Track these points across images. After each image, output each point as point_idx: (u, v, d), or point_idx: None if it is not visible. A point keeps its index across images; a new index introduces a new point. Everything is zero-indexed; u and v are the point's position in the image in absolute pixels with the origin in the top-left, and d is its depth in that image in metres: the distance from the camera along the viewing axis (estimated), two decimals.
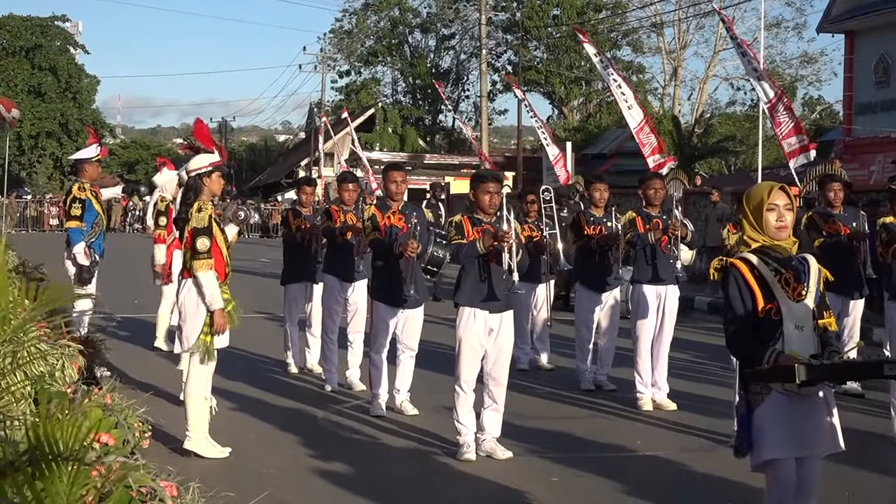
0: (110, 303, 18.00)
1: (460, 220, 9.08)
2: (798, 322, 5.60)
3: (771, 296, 5.60)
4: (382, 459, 9.07)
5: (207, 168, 8.71)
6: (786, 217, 5.72)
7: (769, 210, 5.68)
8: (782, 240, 5.74)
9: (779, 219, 5.69)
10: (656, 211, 11.37)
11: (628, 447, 9.56)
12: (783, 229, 5.72)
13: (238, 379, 12.05)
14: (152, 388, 10.61)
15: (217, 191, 8.81)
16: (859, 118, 34.93)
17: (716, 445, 9.50)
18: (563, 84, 61.20)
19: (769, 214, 5.69)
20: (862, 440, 9.23)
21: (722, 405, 10.26)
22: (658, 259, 11.18)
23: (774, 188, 5.73)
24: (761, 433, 5.58)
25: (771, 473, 5.69)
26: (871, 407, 10.74)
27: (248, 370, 12.85)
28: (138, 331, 15.48)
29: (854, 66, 35.41)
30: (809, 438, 5.66)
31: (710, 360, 13.90)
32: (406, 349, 10.67)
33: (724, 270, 5.81)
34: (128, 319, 16.24)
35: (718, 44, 55.29)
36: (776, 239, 5.71)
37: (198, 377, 8.72)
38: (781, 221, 5.70)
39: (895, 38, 32.88)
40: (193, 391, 8.74)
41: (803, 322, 5.62)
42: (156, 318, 14.33)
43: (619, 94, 17.36)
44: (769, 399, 5.58)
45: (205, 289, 8.51)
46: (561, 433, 10.03)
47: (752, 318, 5.61)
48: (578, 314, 12.46)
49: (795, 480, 5.65)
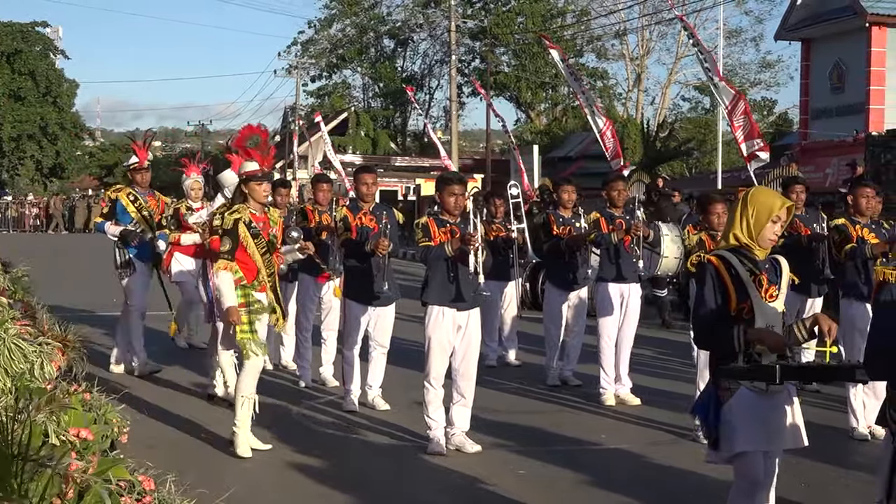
0: (91, 301, 17.94)
1: (426, 222, 9.07)
2: (769, 322, 5.61)
3: (745, 295, 5.60)
4: (355, 453, 9.06)
5: (243, 177, 8.95)
6: (780, 231, 5.75)
7: (773, 221, 5.67)
8: (768, 249, 5.76)
9: (776, 232, 5.71)
10: (619, 212, 11.41)
11: (593, 441, 9.58)
12: (774, 242, 5.75)
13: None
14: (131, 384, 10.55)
15: (259, 198, 8.93)
16: (815, 122, 35.18)
17: (678, 438, 9.54)
18: (530, 89, 61.27)
19: (771, 225, 5.67)
20: (819, 433, 9.28)
21: (684, 399, 10.29)
22: (621, 258, 11.21)
23: (786, 203, 5.73)
24: (731, 427, 5.58)
25: (740, 466, 5.69)
26: (827, 401, 10.80)
27: None
28: (115, 328, 15.36)
29: (810, 72, 35.65)
30: (776, 433, 5.69)
31: (672, 356, 13.95)
32: (378, 346, 10.66)
33: (701, 266, 5.81)
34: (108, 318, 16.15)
35: (680, 51, 55.50)
36: (764, 247, 5.73)
37: (244, 375, 8.83)
38: (777, 235, 5.73)
39: (850, 46, 33.14)
40: (240, 388, 8.83)
41: (773, 322, 5.63)
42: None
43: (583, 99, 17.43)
44: (738, 394, 5.59)
45: (218, 286, 8.83)
46: (528, 427, 10.04)
47: (723, 313, 5.62)
48: (547, 312, 12.48)
49: (763, 473, 5.68)
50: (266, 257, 8.95)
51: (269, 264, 8.98)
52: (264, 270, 8.93)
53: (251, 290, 8.87)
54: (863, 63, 32.82)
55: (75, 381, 7.30)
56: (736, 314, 5.60)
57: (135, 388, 10.96)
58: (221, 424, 9.51)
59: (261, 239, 8.89)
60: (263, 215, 8.95)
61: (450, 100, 56.04)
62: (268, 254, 8.95)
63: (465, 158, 55.50)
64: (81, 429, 5.63)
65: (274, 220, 9.05)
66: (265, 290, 8.95)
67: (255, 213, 8.88)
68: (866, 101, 32.75)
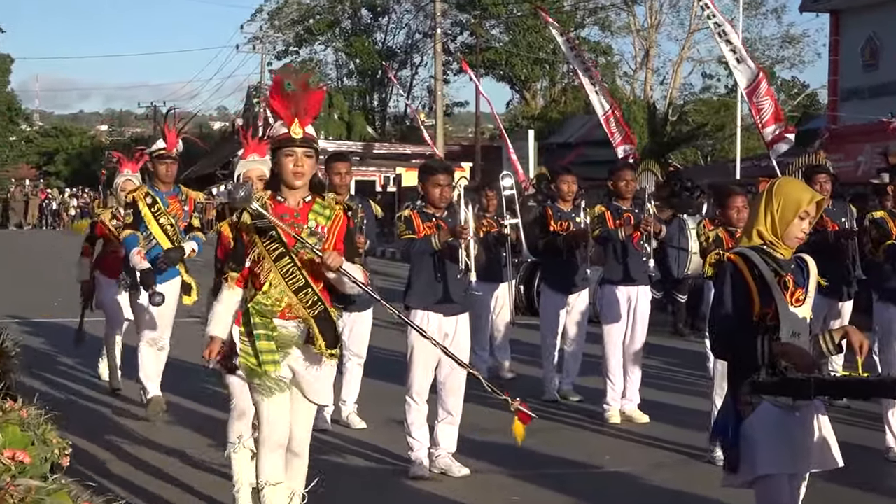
0: (27, 305, 17.90)
1: (409, 215, 9.06)
2: (795, 329, 5.57)
3: (769, 299, 5.57)
4: (327, 477, 9.02)
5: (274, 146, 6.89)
6: (808, 229, 5.74)
7: (801, 217, 5.65)
8: (794, 247, 5.75)
9: (804, 229, 5.69)
10: (627, 204, 11.40)
11: (595, 463, 9.58)
12: (802, 240, 5.73)
13: (171, 389, 11.96)
14: (74, 401, 10.53)
15: (293, 179, 6.51)
16: (845, 104, 35.21)
17: (689, 460, 9.54)
18: (525, 66, 61.26)
19: (799, 222, 5.65)
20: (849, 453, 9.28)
21: (697, 416, 10.29)
22: (629, 257, 11.20)
23: (815, 198, 5.70)
24: (753, 446, 5.55)
25: (763, 490, 5.65)
26: (858, 418, 10.81)
27: (183, 379, 12.75)
28: (58, 336, 15.34)
29: (840, 48, 35.69)
30: (804, 453, 5.66)
31: (684, 368, 13.97)
32: (353, 356, 10.65)
33: (720, 265, 5.80)
34: (47, 325, 16.11)
35: (694, 23, 55.54)
36: (790, 246, 5.71)
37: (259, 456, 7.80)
38: (805, 233, 5.71)
39: (885, 18, 33.13)
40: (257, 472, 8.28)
41: (800, 329, 5.61)
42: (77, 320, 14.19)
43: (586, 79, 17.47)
44: (760, 409, 5.55)
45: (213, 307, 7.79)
46: (522, 448, 9.98)
47: (744, 320, 5.60)
48: (543, 318, 12.48)
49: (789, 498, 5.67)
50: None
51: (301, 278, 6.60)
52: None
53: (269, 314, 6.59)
54: None
55: (10, 395, 7.27)
56: (759, 320, 5.58)
57: (78, 404, 10.93)
58: (182, 443, 9.48)
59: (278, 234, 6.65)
60: (306, 203, 6.66)
61: (434, 78, 56.02)
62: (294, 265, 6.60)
63: (451, 144, 55.41)
64: (18, 450, 5.60)
65: (326, 211, 6.67)
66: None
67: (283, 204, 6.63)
68: None
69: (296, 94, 6.52)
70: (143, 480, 8.61)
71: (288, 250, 6.48)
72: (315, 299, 6.52)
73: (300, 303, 6.50)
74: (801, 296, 5.67)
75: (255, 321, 6.47)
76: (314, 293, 6.52)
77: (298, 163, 6.48)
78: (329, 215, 6.59)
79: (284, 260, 6.50)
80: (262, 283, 6.50)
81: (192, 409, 11.33)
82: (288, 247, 6.47)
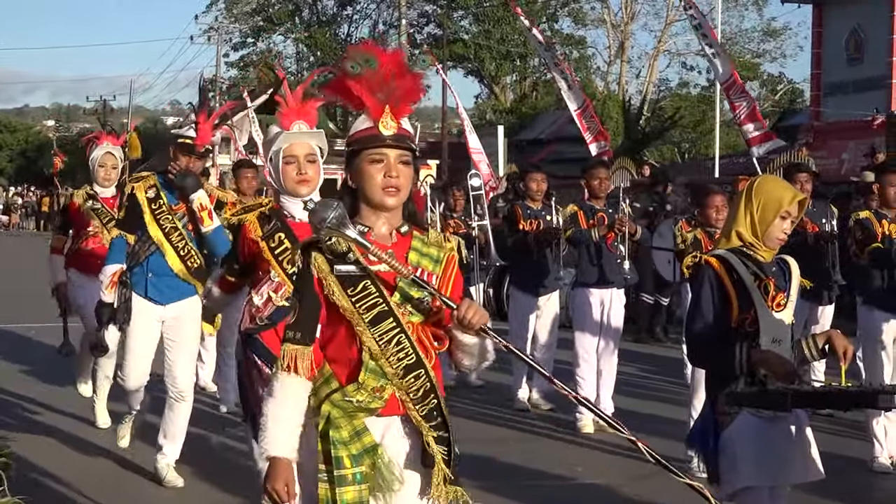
0: None
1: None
2: (776, 335, 5.57)
3: (748, 303, 5.57)
4: None
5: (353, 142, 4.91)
6: (790, 229, 5.74)
7: (782, 217, 5.65)
8: (775, 249, 5.75)
9: (785, 230, 5.68)
10: (601, 204, 11.41)
11: (568, 474, 9.60)
12: (783, 241, 5.73)
13: (118, 399, 11.91)
14: (21, 416, 10.47)
15: (387, 204, 4.55)
16: (829, 99, 35.38)
17: (665, 471, 9.54)
18: (494, 60, 61.25)
19: (780, 221, 5.65)
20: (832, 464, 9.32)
21: (673, 425, 10.32)
22: (603, 259, 11.22)
23: (797, 196, 5.71)
24: (732, 458, 5.56)
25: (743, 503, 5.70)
26: (841, 426, 10.85)
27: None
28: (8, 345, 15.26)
29: (823, 41, 35.85)
30: (785, 465, 5.66)
31: (660, 375, 14.00)
32: None
33: (697, 268, 5.79)
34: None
35: (670, 14, 55.73)
36: (771, 247, 5.71)
37: None
38: (786, 233, 5.71)
39: (870, 9, 33.31)
40: None
41: (781, 335, 5.61)
42: (32, 329, 14.10)
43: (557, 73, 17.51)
44: (740, 419, 5.56)
45: (266, 413, 6.63)
46: (490, 458, 10.03)
47: (722, 326, 5.60)
48: (512, 322, 12.49)
49: None
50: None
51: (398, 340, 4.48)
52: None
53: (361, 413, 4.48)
54: (885, 30, 33.05)
55: None
56: (738, 326, 5.59)
57: (19, 415, 10.87)
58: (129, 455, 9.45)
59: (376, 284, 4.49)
60: (402, 237, 4.60)
61: None
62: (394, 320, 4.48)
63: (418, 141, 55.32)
64: None
65: (433, 250, 4.61)
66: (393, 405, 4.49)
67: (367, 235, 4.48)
68: (888, 75, 32.95)
69: (381, 72, 4.56)
70: (94, 496, 8.58)
71: (391, 307, 4.46)
72: (428, 387, 4.49)
73: (408, 394, 4.46)
74: (782, 300, 5.65)
75: (336, 436, 4.39)
76: (427, 377, 4.49)
77: (392, 171, 4.50)
78: (437, 257, 4.60)
79: (387, 323, 4.45)
80: (354, 366, 4.44)
81: (147, 421, 11.23)
82: (390, 301, 4.46)
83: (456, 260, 4.63)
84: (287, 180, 6.28)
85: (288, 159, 6.24)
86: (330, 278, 4.39)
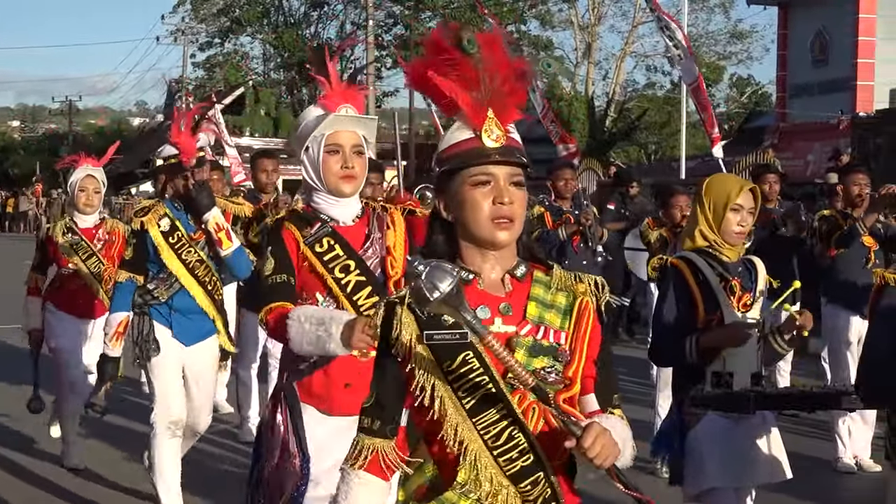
0: None
1: None
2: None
3: (714, 304, 5.58)
4: None
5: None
6: (748, 221, 5.71)
7: (732, 210, 5.64)
8: (736, 244, 5.74)
9: (740, 222, 5.67)
10: (567, 205, 11.40)
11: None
12: (742, 235, 5.71)
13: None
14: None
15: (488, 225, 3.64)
16: (794, 101, 35.51)
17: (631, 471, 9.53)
18: None
19: (732, 215, 5.65)
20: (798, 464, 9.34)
21: (639, 425, 10.25)
22: (569, 260, 11.20)
23: (744, 188, 5.71)
24: (698, 458, 5.57)
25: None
26: (807, 427, 10.87)
27: None
28: None
29: (789, 42, 35.99)
30: (751, 465, 5.68)
31: (625, 376, 13.99)
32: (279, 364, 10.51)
33: (663, 270, 5.78)
34: None
35: (638, 16, 55.80)
36: (731, 243, 5.69)
37: None
38: (742, 225, 5.68)
39: (835, 11, 33.44)
40: None
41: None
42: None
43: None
44: (706, 420, 5.57)
45: None
46: None
47: (688, 327, 5.59)
48: None
49: None
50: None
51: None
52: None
53: None
54: (849, 32, 33.18)
55: None
56: (704, 327, 5.58)
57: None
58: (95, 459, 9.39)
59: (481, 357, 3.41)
60: (518, 282, 3.51)
61: (366, 73, 55.85)
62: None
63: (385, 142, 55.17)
64: None
65: (559, 297, 3.57)
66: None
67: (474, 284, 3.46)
68: (853, 77, 33.08)
69: (483, 61, 3.33)
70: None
71: (500, 389, 3.35)
72: (549, 494, 3.45)
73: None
74: (748, 300, 5.66)
75: None
76: (549, 482, 3.45)
77: (503, 196, 3.35)
78: (566, 306, 3.53)
79: (493, 412, 3.36)
80: (451, 463, 3.38)
81: (111, 423, 11.13)
82: (498, 382, 3.35)
83: (592, 308, 3.54)
84: (328, 174, 5.19)
85: (331, 148, 5.20)
86: (413, 348, 3.34)
